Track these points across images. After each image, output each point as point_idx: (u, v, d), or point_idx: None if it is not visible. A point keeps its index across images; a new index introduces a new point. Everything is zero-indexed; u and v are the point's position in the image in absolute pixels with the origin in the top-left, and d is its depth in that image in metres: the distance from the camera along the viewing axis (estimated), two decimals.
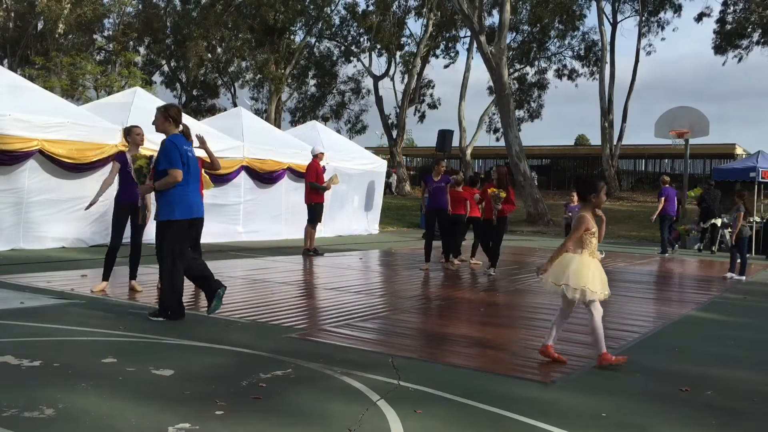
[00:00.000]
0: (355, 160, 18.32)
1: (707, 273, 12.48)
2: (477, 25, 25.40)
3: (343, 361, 4.73)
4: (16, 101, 10.98)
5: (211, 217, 13.12)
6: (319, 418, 3.60)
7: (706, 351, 5.71)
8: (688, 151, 22.14)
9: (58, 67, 29.47)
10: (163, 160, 5.91)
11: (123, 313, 6.20)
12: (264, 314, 6.45)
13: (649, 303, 8.26)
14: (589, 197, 5.07)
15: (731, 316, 7.69)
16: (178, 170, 5.85)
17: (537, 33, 38.36)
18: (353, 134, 42.04)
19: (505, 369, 4.80)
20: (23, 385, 3.91)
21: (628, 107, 34.85)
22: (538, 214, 25.05)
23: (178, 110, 6.19)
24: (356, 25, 38.93)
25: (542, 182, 35.18)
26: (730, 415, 3.98)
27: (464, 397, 4.03)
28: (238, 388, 4.05)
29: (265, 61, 35.31)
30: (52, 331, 5.35)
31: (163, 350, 4.91)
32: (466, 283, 9.79)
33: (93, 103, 15.59)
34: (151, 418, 3.47)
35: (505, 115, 25.85)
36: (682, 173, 23.56)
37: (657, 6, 36.05)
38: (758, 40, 33.62)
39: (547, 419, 3.70)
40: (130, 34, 35.85)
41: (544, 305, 7.78)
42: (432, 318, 6.89)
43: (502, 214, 10.63)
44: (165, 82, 42.17)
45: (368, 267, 11.48)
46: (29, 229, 10.95)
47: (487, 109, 38.25)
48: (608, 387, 4.47)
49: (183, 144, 6.02)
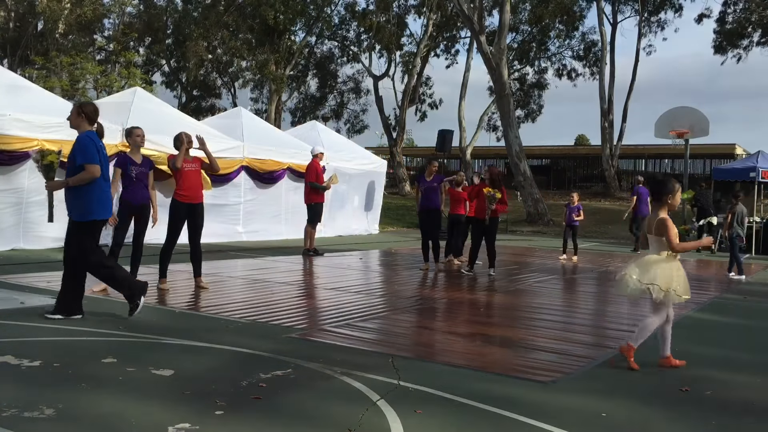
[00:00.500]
0: (355, 160, 18.32)
1: (707, 273, 12.48)
2: (477, 25, 25.40)
3: (343, 361, 4.73)
4: (16, 101, 10.98)
5: (211, 217, 13.12)
6: (319, 418, 3.60)
7: (706, 351, 5.71)
8: (688, 151, 22.12)
9: (58, 67, 29.45)
10: (79, 155, 5.75)
11: (123, 313, 6.20)
12: (264, 314, 6.45)
13: (649, 302, 8.24)
14: (664, 198, 5.03)
15: (731, 316, 7.69)
16: (95, 165, 5.74)
17: (537, 33, 38.36)
18: (353, 134, 42.08)
19: (505, 369, 4.80)
20: (23, 385, 3.91)
21: (628, 107, 34.87)
22: (538, 214, 25.05)
23: (95, 109, 6.02)
24: (356, 25, 38.94)
25: (542, 182, 35.16)
26: (729, 415, 3.98)
27: (464, 397, 4.03)
28: (238, 388, 4.05)
29: (265, 61, 35.30)
30: (52, 331, 5.35)
31: (163, 350, 4.91)
32: (466, 283, 9.78)
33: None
34: (151, 418, 3.47)
35: (505, 115, 25.86)
36: (682, 173, 23.55)
37: (657, 6, 36.06)
38: (758, 41, 33.62)
39: (547, 419, 3.70)
40: (130, 34, 35.84)
41: (543, 305, 7.78)
42: (432, 318, 6.89)
43: (495, 215, 10.64)
44: (165, 83, 42.19)
45: (368, 267, 11.48)
46: (29, 229, 10.94)
47: (487, 109, 38.26)
48: (608, 387, 4.48)
49: (99, 140, 5.91)
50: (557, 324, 6.60)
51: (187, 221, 7.57)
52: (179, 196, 7.51)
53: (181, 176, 7.47)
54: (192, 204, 7.54)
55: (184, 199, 7.49)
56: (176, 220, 7.52)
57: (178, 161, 7.40)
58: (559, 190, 38.36)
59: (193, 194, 7.55)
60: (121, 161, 7.31)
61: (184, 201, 7.50)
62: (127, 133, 7.51)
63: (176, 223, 7.54)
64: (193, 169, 7.60)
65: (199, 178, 7.71)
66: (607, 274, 11.60)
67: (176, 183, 7.53)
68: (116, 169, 7.29)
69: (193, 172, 7.58)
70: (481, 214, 10.60)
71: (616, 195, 33.28)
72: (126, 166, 7.24)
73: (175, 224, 7.54)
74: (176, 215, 7.51)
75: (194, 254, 7.72)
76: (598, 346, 5.73)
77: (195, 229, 7.62)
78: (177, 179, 7.51)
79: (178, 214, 7.51)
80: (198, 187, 7.63)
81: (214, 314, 6.38)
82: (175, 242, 7.64)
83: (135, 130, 7.42)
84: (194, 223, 7.60)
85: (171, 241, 7.60)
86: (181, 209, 7.50)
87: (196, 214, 7.58)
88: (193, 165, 7.63)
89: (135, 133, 7.37)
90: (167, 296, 7.23)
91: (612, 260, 14.08)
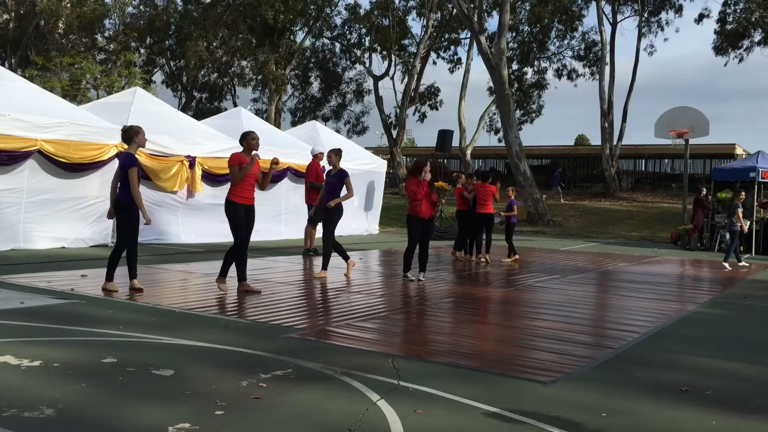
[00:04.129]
0: (355, 160, 18.30)
1: (707, 273, 12.48)
2: (477, 26, 25.41)
3: (343, 361, 4.73)
4: (15, 101, 10.98)
5: (211, 217, 13.14)
6: (319, 418, 3.60)
7: (706, 351, 5.71)
8: (688, 151, 22.15)
9: (58, 67, 29.44)
10: None
11: (123, 313, 6.20)
12: (264, 314, 6.45)
13: (649, 302, 8.26)
14: None
15: (731, 315, 7.69)
16: None
17: (537, 33, 38.36)
18: (353, 134, 42.08)
19: (505, 369, 4.80)
20: (23, 385, 3.92)
21: (628, 107, 34.88)
22: (538, 214, 25.06)
23: None
24: (357, 25, 38.93)
25: (542, 182, 35.14)
26: (729, 414, 3.97)
27: (464, 397, 4.03)
28: (238, 388, 4.05)
29: (265, 61, 35.30)
30: (52, 331, 5.35)
31: (163, 350, 4.91)
32: (466, 282, 9.78)
33: (93, 103, 15.59)
34: (151, 418, 3.47)
35: (505, 115, 25.86)
36: (682, 173, 23.56)
37: (657, 6, 36.07)
38: (759, 41, 33.62)
39: (547, 419, 3.70)
40: (130, 34, 35.84)
41: (544, 305, 7.78)
42: (432, 318, 6.89)
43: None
44: (166, 83, 42.19)
45: (368, 267, 11.47)
46: (29, 229, 10.94)
47: (487, 109, 38.27)
48: (608, 387, 4.48)
49: None
50: (557, 324, 6.60)
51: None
52: (237, 198, 7.46)
53: (243, 178, 7.41)
54: (247, 206, 7.55)
55: (242, 201, 7.47)
56: (239, 221, 7.49)
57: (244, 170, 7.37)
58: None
59: (250, 196, 7.57)
60: (136, 162, 7.32)
61: (241, 202, 7.47)
62: (136, 132, 7.48)
63: (240, 224, 7.49)
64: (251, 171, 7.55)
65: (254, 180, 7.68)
66: (607, 274, 11.60)
67: (237, 184, 7.46)
68: (133, 169, 7.21)
69: (253, 175, 7.58)
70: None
71: (616, 195, 33.29)
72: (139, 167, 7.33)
73: (240, 225, 7.50)
74: (237, 216, 7.48)
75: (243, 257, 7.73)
76: (598, 346, 5.73)
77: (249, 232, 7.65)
78: (240, 181, 7.43)
79: (239, 215, 7.48)
80: (253, 188, 7.64)
81: (214, 314, 6.38)
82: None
83: (142, 129, 7.48)
84: (250, 224, 7.62)
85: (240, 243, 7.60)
86: (239, 210, 7.47)
87: (251, 215, 7.61)
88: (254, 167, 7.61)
89: (143, 133, 7.46)
90: (168, 296, 7.23)
91: (612, 260, 14.08)
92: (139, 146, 7.48)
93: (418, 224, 9.42)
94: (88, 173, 11.59)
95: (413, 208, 9.40)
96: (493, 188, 12.39)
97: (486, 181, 12.41)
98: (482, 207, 12.31)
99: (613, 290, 9.66)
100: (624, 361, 5.18)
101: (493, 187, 12.39)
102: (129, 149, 7.43)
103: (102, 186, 11.92)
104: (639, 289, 9.63)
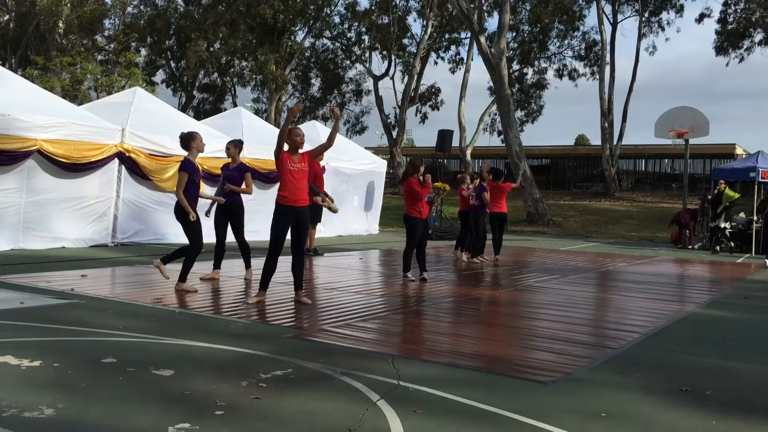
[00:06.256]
0: (354, 160, 18.32)
1: (708, 273, 12.48)
2: (476, 25, 25.41)
3: (343, 361, 4.73)
4: (15, 101, 10.97)
5: (211, 217, 13.11)
6: (319, 418, 3.60)
7: (706, 351, 5.71)
8: (688, 151, 22.14)
9: (58, 67, 29.44)
10: None
11: (123, 313, 6.20)
12: (264, 314, 6.45)
13: (649, 302, 8.26)
14: None
15: (731, 315, 7.69)
16: None
17: (537, 33, 38.36)
18: (352, 134, 42.08)
19: (505, 369, 4.80)
20: (23, 385, 3.91)
21: (628, 107, 34.90)
22: (538, 214, 25.06)
23: None
24: (357, 25, 38.93)
25: (542, 182, 35.17)
26: (730, 415, 3.97)
27: (464, 397, 4.03)
28: (238, 388, 4.05)
29: (265, 61, 35.30)
30: (52, 331, 5.35)
31: (163, 350, 4.91)
32: (466, 282, 9.78)
33: (93, 103, 15.58)
34: (151, 418, 3.47)
35: (505, 115, 25.86)
36: (682, 173, 23.55)
37: (657, 6, 36.07)
38: (760, 41, 33.61)
39: (547, 419, 3.69)
40: (131, 34, 35.83)
41: (544, 305, 7.78)
42: (432, 318, 6.88)
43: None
44: (166, 83, 42.18)
45: (368, 267, 11.47)
46: (29, 229, 10.94)
47: (487, 109, 38.27)
48: (608, 387, 4.47)
49: None
50: (557, 324, 6.60)
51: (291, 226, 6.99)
52: (282, 198, 6.91)
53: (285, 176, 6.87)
54: (295, 207, 6.91)
55: (287, 202, 6.88)
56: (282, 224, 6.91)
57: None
58: (559, 190, 38.38)
59: (299, 197, 6.92)
60: (191, 167, 7.39)
61: (287, 204, 6.89)
62: (192, 137, 7.49)
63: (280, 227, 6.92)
64: (299, 169, 6.94)
65: (305, 179, 7.05)
66: (607, 274, 11.60)
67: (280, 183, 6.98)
68: (183, 174, 7.29)
69: (299, 172, 6.92)
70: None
71: (616, 195, 33.30)
72: (195, 173, 7.41)
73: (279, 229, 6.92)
74: (282, 219, 6.90)
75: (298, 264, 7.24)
76: (598, 346, 5.73)
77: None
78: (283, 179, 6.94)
79: (283, 218, 6.90)
80: (304, 189, 7.00)
81: (214, 314, 6.38)
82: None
83: (199, 134, 7.68)
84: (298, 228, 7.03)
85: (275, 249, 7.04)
86: (287, 212, 6.89)
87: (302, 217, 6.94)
88: (301, 165, 6.97)
89: (200, 138, 7.61)
90: (168, 297, 7.23)
91: (612, 260, 14.08)
92: (198, 151, 7.49)
93: (419, 224, 9.43)
94: (88, 173, 11.59)
95: (415, 208, 9.42)
96: (507, 186, 12.26)
97: (498, 179, 12.22)
98: (496, 206, 12.12)
99: (613, 290, 9.66)
100: (624, 361, 5.18)
101: (506, 185, 12.26)
102: (189, 156, 7.45)
103: (102, 186, 11.93)
104: (639, 289, 9.63)
